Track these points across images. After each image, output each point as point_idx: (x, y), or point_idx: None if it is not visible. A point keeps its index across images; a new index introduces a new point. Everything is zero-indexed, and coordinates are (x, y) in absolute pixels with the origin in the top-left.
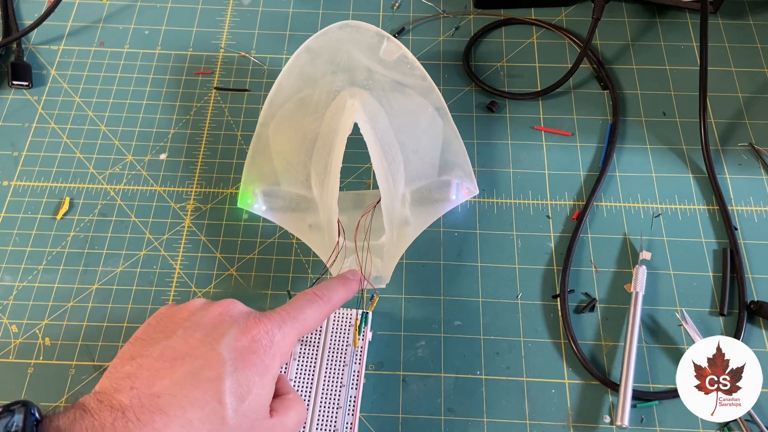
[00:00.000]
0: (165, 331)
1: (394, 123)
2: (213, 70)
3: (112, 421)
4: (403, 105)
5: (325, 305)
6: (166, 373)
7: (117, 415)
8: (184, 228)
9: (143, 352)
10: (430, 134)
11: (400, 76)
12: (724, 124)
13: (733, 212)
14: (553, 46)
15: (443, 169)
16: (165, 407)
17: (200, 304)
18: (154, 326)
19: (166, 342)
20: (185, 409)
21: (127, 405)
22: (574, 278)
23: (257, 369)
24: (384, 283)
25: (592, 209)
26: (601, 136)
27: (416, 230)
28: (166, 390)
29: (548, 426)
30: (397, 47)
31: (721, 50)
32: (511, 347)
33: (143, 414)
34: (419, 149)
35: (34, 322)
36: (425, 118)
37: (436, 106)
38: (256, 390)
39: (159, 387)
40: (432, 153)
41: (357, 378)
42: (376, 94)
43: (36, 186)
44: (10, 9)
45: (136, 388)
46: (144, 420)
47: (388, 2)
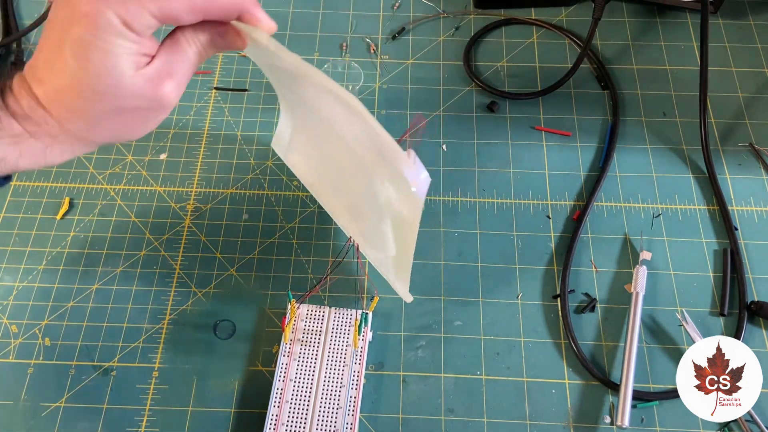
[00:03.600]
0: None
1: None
2: (213, 70)
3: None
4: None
5: None
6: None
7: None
8: (184, 228)
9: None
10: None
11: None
12: (724, 124)
13: (734, 212)
14: (553, 46)
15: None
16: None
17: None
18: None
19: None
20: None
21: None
22: (575, 278)
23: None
24: (408, 297)
25: (593, 209)
26: (601, 136)
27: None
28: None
29: (548, 426)
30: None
31: (721, 50)
32: (512, 347)
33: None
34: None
35: (34, 322)
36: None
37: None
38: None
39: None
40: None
41: (357, 378)
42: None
43: (36, 186)
44: (10, 9)
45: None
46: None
47: (388, 2)
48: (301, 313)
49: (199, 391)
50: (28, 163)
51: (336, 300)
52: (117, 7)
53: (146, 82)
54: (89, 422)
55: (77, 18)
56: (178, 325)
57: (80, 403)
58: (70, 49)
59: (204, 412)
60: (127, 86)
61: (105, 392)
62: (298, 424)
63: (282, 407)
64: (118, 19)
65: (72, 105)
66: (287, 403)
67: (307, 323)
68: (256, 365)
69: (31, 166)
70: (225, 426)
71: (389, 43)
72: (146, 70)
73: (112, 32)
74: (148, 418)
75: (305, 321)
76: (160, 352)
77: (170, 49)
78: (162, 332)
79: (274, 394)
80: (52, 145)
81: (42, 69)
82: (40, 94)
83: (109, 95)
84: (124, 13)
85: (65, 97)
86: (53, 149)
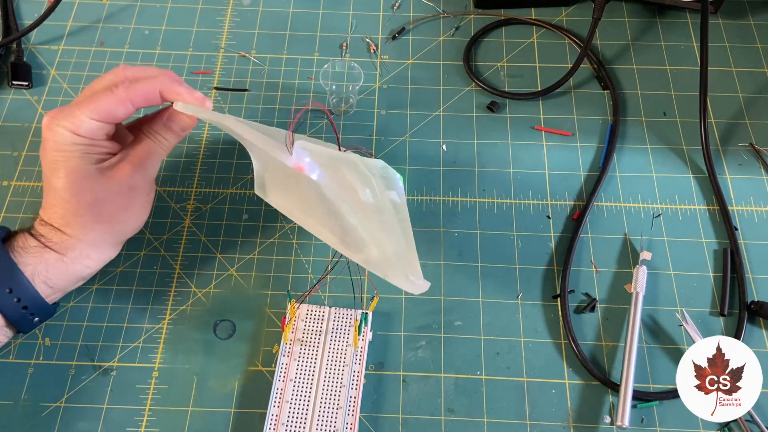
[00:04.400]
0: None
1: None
2: (213, 71)
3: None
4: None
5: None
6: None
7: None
8: (184, 228)
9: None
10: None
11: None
12: (724, 124)
13: (734, 212)
14: (553, 46)
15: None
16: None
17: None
18: None
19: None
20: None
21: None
22: (575, 278)
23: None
24: (423, 286)
25: (593, 209)
26: (601, 136)
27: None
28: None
29: (548, 426)
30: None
31: (721, 50)
32: (512, 347)
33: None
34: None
35: None
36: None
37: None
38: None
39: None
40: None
41: (357, 378)
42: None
43: (36, 186)
44: (10, 9)
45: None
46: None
47: (388, 2)
48: (301, 313)
49: (199, 391)
50: (56, 275)
51: (336, 300)
52: (63, 122)
53: (108, 170)
54: (89, 422)
55: (46, 147)
56: (178, 325)
57: (80, 403)
58: (48, 172)
59: (204, 412)
60: (93, 177)
61: (105, 392)
62: (298, 424)
63: (282, 407)
64: (67, 129)
65: (62, 213)
66: (287, 403)
67: (307, 323)
68: (256, 365)
69: (60, 278)
70: (225, 426)
71: (389, 43)
72: (111, 163)
73: (67, 141)
74: (148, 418)
75: (305, 321)
76: (160, 352)
77: (132, 144)
78: (162, 332)
79: (274, 394)
80: (67, 255)
81: (44, 195)
82: (45, 214)
83: (84, 190)
84: (70, 124)
85: (58, 209)
86: (69, 257)
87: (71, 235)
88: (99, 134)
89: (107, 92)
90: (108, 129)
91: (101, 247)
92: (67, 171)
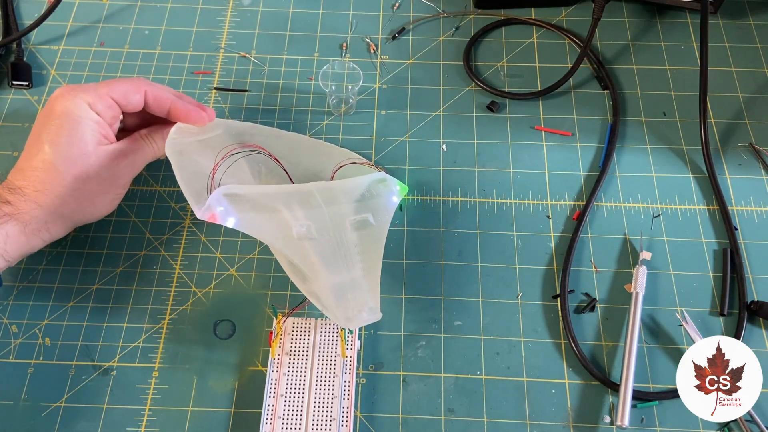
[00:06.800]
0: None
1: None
2: (213, 71)
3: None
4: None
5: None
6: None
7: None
8: (184, 228)
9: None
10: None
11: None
12: (724, 124)
13: (733, 212)
14: (553, 46)
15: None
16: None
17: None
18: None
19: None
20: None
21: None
22: (575, 278)
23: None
24: (377, 314)
25: (592, 209)
26: (601, 136)
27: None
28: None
29: (548, 426)
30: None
31: (721, 50)
32: (512, 347)
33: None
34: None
35: (34, 322)
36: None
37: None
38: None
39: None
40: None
41: (348, 388)
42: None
43: None
44: (10, 9)
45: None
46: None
47: (388, 2)
48: (287, 326)
49: (198, 391)
50: (13, 247)
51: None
52: (82, 94)
53: (106, 155)
54: (89, 422)
55: (54, 112)
56: (178, 325)
57: (80, 403)
58: (46, 136)
59: (204, 412)
60: (90, 154)
61: (105, 392)
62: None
63: (274, 423)
64: (85, 102)
65: (44, 179)
66: (279, 419)
67: (294, 336)
68: (256, 365)
69: (16, 250)
70: (225, 426)
71: (389, 43)
72: (107, 147)
73: (82, 111)
74: (148, 418)
75: (292, 334)
76: (160, 352)
77: (129, 140)
78: (162, 332)
79: (265, 411)
80: (29, 225)
81: (22, 160)
82: (18, 179)
83: (77, 162)
84: (88, 96)
85: (40, 173)
86: (30, 229)
87: (42, 204)
88: (109, 115)
89: (126, 78)
90: (118, 113)
91: (63, 225)
92: (70, 138)
